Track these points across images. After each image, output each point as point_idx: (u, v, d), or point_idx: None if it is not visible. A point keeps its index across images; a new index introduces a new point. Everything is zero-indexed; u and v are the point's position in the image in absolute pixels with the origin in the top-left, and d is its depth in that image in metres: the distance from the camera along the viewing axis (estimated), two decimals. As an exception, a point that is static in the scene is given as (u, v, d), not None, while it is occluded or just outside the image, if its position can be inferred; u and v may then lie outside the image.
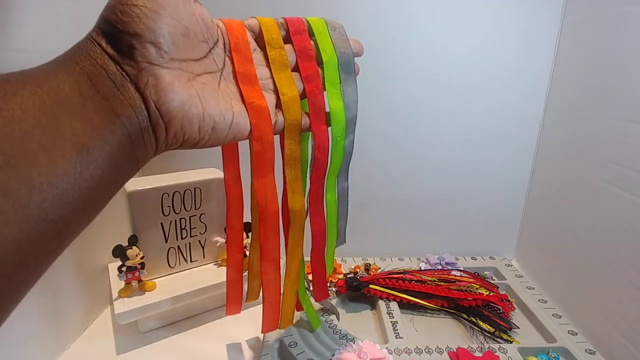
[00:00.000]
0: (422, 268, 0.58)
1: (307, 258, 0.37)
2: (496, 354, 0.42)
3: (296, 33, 0.30)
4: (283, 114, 0.29)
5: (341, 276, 0.55)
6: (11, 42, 0.35)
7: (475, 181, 0.61)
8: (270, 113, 0.27)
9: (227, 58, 0.26)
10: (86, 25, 0.20)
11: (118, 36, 0.19)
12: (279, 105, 0.29)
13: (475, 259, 0.62)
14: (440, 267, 0.57)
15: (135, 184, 0.43)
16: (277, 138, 0.30)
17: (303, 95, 0.30)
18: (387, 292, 0.50)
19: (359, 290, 0.51)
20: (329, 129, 0.31)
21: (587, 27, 0.49)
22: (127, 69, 0.19)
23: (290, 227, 0.33)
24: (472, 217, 0.63)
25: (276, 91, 0.29)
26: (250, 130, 0.26)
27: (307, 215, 0.34)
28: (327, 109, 0.31)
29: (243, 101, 0.26)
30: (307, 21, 0.30)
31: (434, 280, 0.51)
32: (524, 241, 0.64)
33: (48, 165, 0.16)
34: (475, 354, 0.42)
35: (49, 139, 0.16)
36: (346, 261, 0.60)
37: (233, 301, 0.41)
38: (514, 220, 0.64)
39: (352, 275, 0.54)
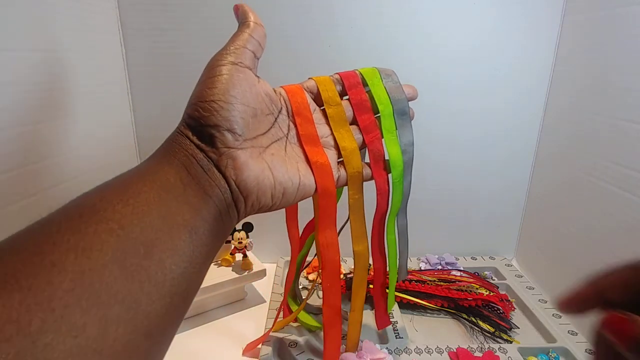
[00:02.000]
0: (422, 268, 0.58)
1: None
2: (496, 354, 0.42)
3: (351, 87, 0.32)
4: (345, 167, 0.30)
5: (341, 276, 0.55)
6: (11, 41, 0.35)
7: (475, 181, 0.61)
8: (332, 169, 0.29)
9: (290, 123, 0.29)
10: (85, 25, 0.20)
11: (201, 129, 0.23)
12: (340, 159, 0.31)
13: (475, 259, 0.62)
14: (440, 267, 0.57)
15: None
16: None
17: (363, 145, 0.32)
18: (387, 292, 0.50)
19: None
20: (389, 175, 0.33)
21: (587, 27, 0.49)
22: (210, 155, 0.23)
23: (355, 268, 0.35)
24: (472, 217, 0.63)
25: (337, 146, 0.30)
26: (315, 188, 0.28)
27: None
28: (386, 156, 0.32)
29: (307, 161, 0.29)
30: (360, 73, 0.32)
31: (434, 280, 0.51)
32: (524, 241, 0.64)
33: (172, 248, 0.19)
34: (475, 354, 0.42)
35: (168, 226, 0.19)
36: (346, 261, 0.60)
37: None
38: (514, 220, 0.64)
39: (352, 275, 0.53)
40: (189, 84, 0.54)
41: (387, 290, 0.40)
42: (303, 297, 0.47)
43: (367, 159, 0.32)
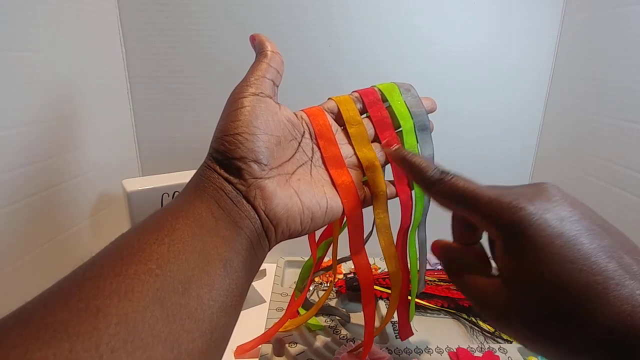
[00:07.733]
0: (422, 268, 0.58)
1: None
2: (496, 354, 0.42)
3: (371, 104, 0.31)
4: (370, 187, 0.30)
5: (341, 276, 0.55)
6: (10, 41, 0.35)
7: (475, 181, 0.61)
8: (357, 190, 0.29)
9: (314, 145, 0.29)
10: (85, 25, 0.20)
11: (228, 162, 0.23)
12: (365, 178, 0.30)
13: (475, 259, 0.62)
14: (440, 267, 0.57)
15: (135, 184, 0.43)
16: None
17: (386, 162, 0.31)
18: (387, 292, 0.50)
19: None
20: (412, 191, 0.33)
21: (587, 27, 0.49)
22: (239, 187, 0.23)
23: (392, 288, 0.35)
24: (472, 217, 0.63)
25: (360, 166, 0.30)
26: (343, 210, 0.28)
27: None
28: None
29: (333, 183, 0.28)
30: (379, 89, 0.32)
31: (434, 280, 0.51)
32: (524, 241, 0.64)
33: (209, 284, 0.19)
34: (475, 354, 0.42)
35: (204, 261, 0.19)
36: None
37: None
38: (514, 220, 0.64)
39: (352, 275, 0.54)
40: (189, 83, 0.54)
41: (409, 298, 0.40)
42: (310, 301, 0.47)
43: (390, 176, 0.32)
